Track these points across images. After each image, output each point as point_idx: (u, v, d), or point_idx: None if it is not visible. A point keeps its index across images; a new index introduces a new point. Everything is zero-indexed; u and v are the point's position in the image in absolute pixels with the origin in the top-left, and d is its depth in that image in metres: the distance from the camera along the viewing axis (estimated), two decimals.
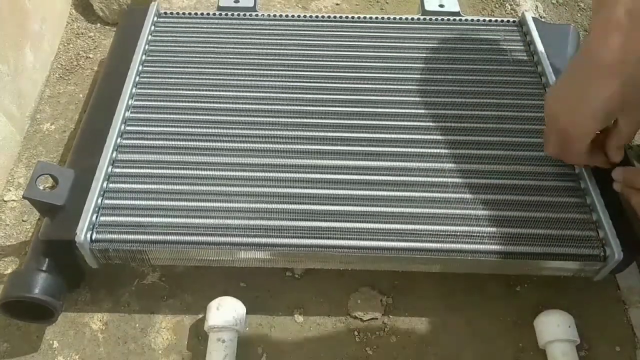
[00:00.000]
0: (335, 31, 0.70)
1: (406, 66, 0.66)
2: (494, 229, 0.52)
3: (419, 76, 0.65)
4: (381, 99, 0.62)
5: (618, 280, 0.59)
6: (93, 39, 0.81)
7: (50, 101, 0.74)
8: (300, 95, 0.62)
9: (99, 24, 0.83)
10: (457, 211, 0.53)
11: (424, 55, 0.67)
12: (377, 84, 0.63)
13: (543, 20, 0.86)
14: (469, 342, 0.55)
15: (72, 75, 0.77)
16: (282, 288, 0.58)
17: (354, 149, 0.57)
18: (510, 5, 0.88)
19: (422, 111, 0.61)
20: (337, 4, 0.88)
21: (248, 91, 0.62)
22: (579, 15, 0.89)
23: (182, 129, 0.59)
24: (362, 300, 0.57)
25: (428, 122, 0.60)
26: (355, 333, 0.55)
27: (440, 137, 0.59)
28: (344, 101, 0.62)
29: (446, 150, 0.58)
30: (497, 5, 0.88)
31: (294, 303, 0.57)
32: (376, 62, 0.66)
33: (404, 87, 0.63)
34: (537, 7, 0.89)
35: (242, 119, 0.60)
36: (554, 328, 0.52)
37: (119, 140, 0.57)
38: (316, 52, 0.67)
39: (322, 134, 0.59)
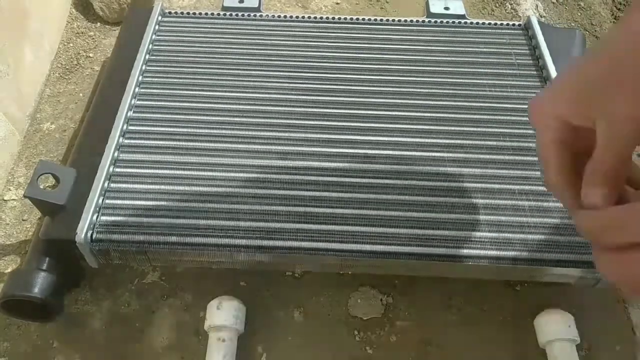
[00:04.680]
0: (341, 33, 0.69)
1: (411, 69, 0.65)
2: (495, 235, 0.52)
3: (423, 79, 0.64)
4: (386, 101, 0.62)
5: None
6: (93, 39, 0.81)
7: (50, 100, 0.74)
8: (304, 97, 0.62)
9: (99, 24, 0.83)
10: (458, 216, 0.53)
11: (429, 57, 0.67)
12: (382, 87, 0.63)
13: (543, 19, 0.86)
14: (468, 341, 0.55)
15: (72, 74, 0.77)
16: (282, 288, 0.58)
17: (356, 152, 0.57)
18: (511, 4, 0.88)
19: (426, 114, 0.61)
20: (337, 3, 0.88)
21: (251, 92, 0.62)
22: (579, 14, 0.89)
23: (185, 129, 0.59)
24: (362, 300, 0.57)
25: (431, 125, 0.60)
26: (355, 333, 0.55)
27: (442, 141, 0.59)
28: (349, 103, 0.61)
29: (449, 154, 0.57)
30: (497, 5, 0.88)
31: (294, 303, 0.57)
32: (381, 65, 0.66)
33: (409, 89, 0.63)
34: (537, 6, 0.89)
35: (245, 120, 0.60)
36: (554, 328, 0.52)
37: (121, 140, 0.57)
38: (321, 53, 0.67)
39: (325, 135, 0.59)
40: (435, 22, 0.71)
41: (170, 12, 0.71)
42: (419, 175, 0.56)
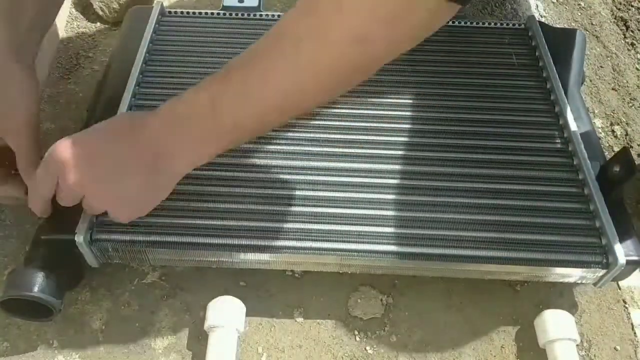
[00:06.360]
0: None
1: (410, 68, 0.65)
2: (495, 235, 0.52)
3: (422, 79, 0.64)
4: (384, 101, 0.62)
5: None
6: (93, 38, 0.81)
7: (50, 100, 0.73)
8: None
9: (98, 23, 0.83)
10: (459, 216, 0.53)
11: (429, 57, 0.66)
12: (380, 86, 0.63)
13: (543, 19, 0.86)
14: (469, 341, 0.55)
15: (72, 74, 0.77)
16: (282, 288, 0.58)
17: (357, 151, 0.57)
18: (511, 4, 0.87)
19: (425, 114, 0.61)
20: None
21: None
22: (579, 14, 0.89)
23: None
24: (362, 300, 0.57)
25: (431, 125, 0.60)
26: (355, 332, 0.55)
27: (442, 141, 0.58)
28: (348, 102, 0.61)
29: (449, 154, 0.57)
30: (497, 5, 0.88)
31: (294, 303, 0.57)
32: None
33: (409, 89, 0.63)
34: (537, 6, 0.89)
35: None
36: (554, 328, 0.52)
37: None
38: None
39: (324, 135, 0.58)
40: None
41: (170, 12, 0.71)
42: (418, 175, 0.56)
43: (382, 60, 0.45)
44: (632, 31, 0.87)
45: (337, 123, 0.60)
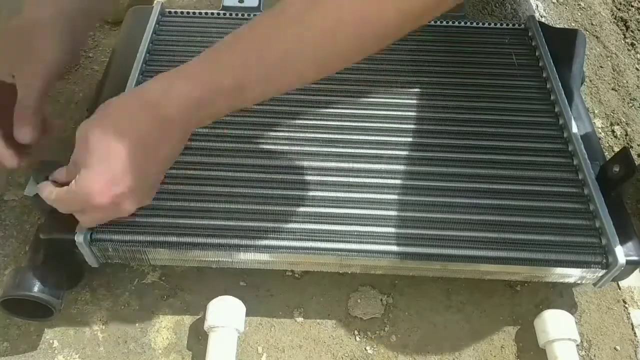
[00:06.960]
0: None
1: (411, 69, 0.65)
2: (495, 235, 0.52)
3: (423, 79, 0.64)
4: (384, 101, 0.62)
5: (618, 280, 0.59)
6: (93, 38, 0.81)
7: (50, 100, 0.73)
8: (304, 97, 0.62)
9: (99, 23, 0.83)
10: (459, 216, 0.53)
11: (429, 58, 0.66)
12: (383, 86, 0.63)
13: (543, 19, 0.86)
14: (469, 341, 0.55)
15: (72, 74, 0.77)
16: (282, 288, 0.58)
17: (356, 152, 0.57)
18: (511, 5, 0.88)
19: (425, 115, 0.61)
20: None
21: None
22: (579, 14, 0.89)
23: None
24: (362, 300, 0.57)
25: (431, 125, 0.60)
26: (355, 333, 0.55)
27: (442, 142, 0.59)
28: (350, 103, 0.61)
29: (449, 154, 0.57)
30: (497, 5, 0.88)
31: (294, 303, 0.57)
32: (379, 65, 0.66)
33: (410, 89, 0.63)
34: (537, 6, 0.89)
35: (244, 119, 0.60)
36: (554, 328, 0.52)
37: None
38: None
39: (324, 135, 0.58)
40: (436, 22, 0.71)
41: (170, 12, 0.71)
42: (418, 175, 0.56)
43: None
44: (632, 31, 0.87)
45: (337, 123, 0.60)
